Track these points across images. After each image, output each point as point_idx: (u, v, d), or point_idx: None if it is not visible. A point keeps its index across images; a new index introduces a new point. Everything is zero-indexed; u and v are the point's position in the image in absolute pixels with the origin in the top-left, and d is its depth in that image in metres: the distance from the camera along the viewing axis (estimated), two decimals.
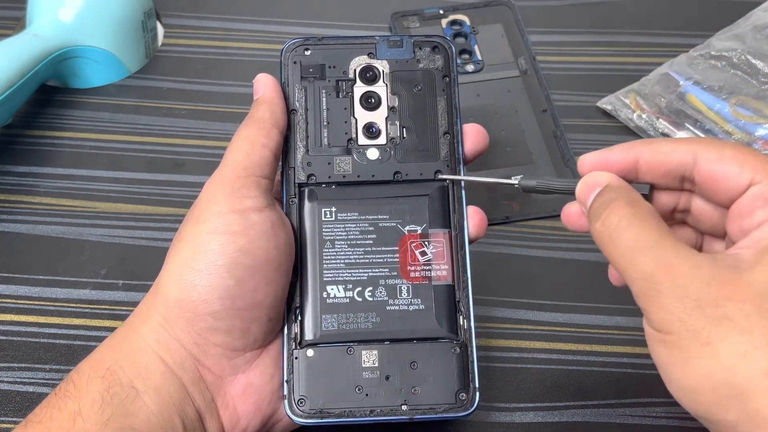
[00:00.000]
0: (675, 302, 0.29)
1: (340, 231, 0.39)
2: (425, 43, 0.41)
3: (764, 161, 0.32)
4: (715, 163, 0.32)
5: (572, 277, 0.49)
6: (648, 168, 0.34)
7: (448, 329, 0.38)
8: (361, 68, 0.41)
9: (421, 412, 0.37)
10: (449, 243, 0.39)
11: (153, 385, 0.35)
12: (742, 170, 0.32)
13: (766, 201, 0.31)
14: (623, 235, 0.32)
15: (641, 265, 0.31)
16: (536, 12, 0.64)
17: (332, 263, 0.39)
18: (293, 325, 0.38)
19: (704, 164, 0.33)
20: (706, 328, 0.29)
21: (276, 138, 0.39)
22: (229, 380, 0.37)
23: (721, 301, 0.29)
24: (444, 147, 0.40)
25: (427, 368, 0.38)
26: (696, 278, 0.29)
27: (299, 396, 0.37)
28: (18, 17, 0.63)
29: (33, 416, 0.34)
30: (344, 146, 0.40)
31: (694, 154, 0.33)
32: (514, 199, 0.53)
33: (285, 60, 0.41)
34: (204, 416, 0.36)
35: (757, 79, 0.54)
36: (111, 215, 0.51)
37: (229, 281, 0.35)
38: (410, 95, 0.41)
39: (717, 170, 0.32)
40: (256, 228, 0.36)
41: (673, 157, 0.33)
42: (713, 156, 0.32)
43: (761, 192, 0.31)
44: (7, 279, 0.48)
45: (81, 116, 0.57)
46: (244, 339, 0.37)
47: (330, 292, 0.38)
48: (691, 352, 0.29)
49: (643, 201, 0.33)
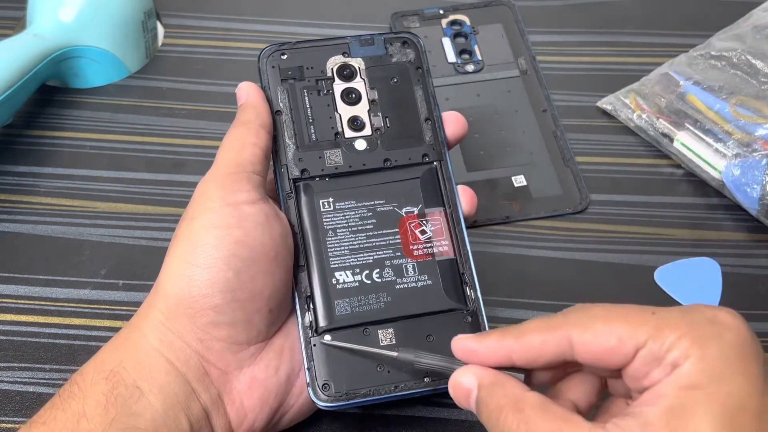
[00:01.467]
0: None
1: (341, 219, 0.40)
2: (395, 39, 0.43)
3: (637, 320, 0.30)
4: (592, 344, 0.30)
5: (572, 277, 0.49)
6: (524, 362, 0.32)
7: (457, 300, 0.39)
8: (337, 67, 0.42)
9: (443, 384, 0.37)
10: (446, 220, 0.41)
11: (158, 384, 0.35)
12: (621, 341, 0.30)
13: (658, 360, 0.29)
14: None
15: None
16: (536, 12, 0.64)
17: (337, 250, 0.39)
18: (306, 314, 0.38)
19: (582, 347, 0.31)
20: None
21: (264, 137, 0.40)
22: (234, 375, 0.37)
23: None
24: (427, 132, 0.42)
25: (442, 340, 0.38)
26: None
27: (323, 381, 0.37)
28: (18, 17, 0.63)
29: (37, 417, 0.34)
30: (332, 140, 0.41)
31: (567, 340, 0.31)
32: (514, 199, 0.53)
33: (263, 66, 0.42)
34: (210, 413, 0.36)
35: (757, 79, 0.54)
36: (111, 215, 0.51)
37: (228, 273, 0.36)
38: (388, 88, 0.42)
39: (597, 350, 0.30)
40: (251, 219, 0.37)
41: (545, 349, 0.31)
42: (588, 337, 0.30)
43: (649, 354, 0.29)
44: (7, 279, 0.48)
45: (81, 116, 0.57)
46: (247, 332, 0.37)
47: (339, 278, 0.39)
48: None
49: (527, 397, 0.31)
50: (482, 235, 0.51)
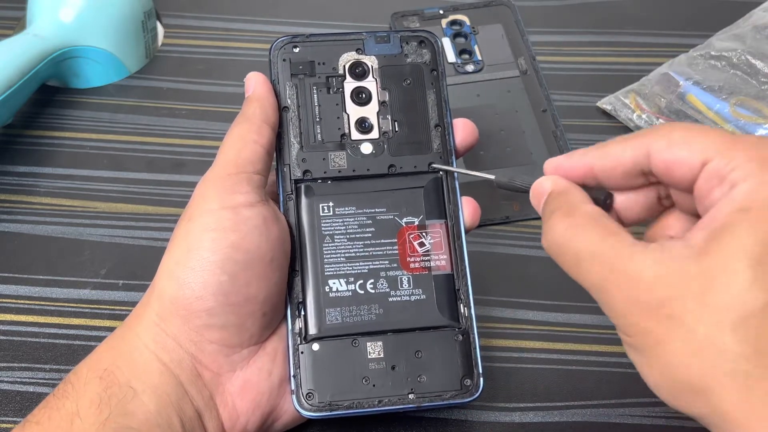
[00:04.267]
0: (626, 308, 0.29)
1: (339, 225, 0.39)
2: (412, 38, 0.42)
3: (714, 136, 0.30)
4: (666, 152, 0.31)
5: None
6: (604, 174, 0.33)
7: (449, 317, 0.39)
8: (350, 64, 0.41)
9: (428, 400, 0.37)
10: (446, 233, 0.40)
11: (151, 384, 0.35)
12: (692, 152, 0.30)
13: (720, 179, 0.29)
14: (566, 248, 0.31)
15: (588, 276, 0.31)
16: (536, 12, 0.64)
17: (333, 257, 0.39)
18: (297, 320, 0.38)
19: (656, 156, 0.31)
20: (656, 330, 0.28)
21: (267, 134, 0.39)
22: (227, 377, 0.37)
23: (666, 300, 0.28)
24: (436, 139, 0.41)
25: (431, 356, 0.38)
26: (640, 281, 0.29)
27: (307, 390, 0.37)
28: (18, 17, 0.63)
29: (31, 417, 0.34)
30: (338, 141, 0.40)
31: (645, 148, 0.32)
32: (514, 199, 0.53)
33: (274, 58, 0.41)
34: (203, 414, 0.36)
35: (757, 79, 0.54)
36: (111, 215, 0.51)
37: (222, 277, 0.35)
38: (400, 89, 0.41)
39: (669, 159, 0.31)
40: (248, 223, 0.36)
41: (624, 157, 0.32)
42: (662, 145, 0.31)
43: (714, 169, 0.29)
44: (7, 279, 0.48)
45: (81, 116, 0.57)
46: (240, 335, 0.37)
47: (332, 286, 0.39)
48: (649, 353, 0.29)
49: (583, 207, 0.32)
50: (482, 235, 0.51)
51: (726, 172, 0.29)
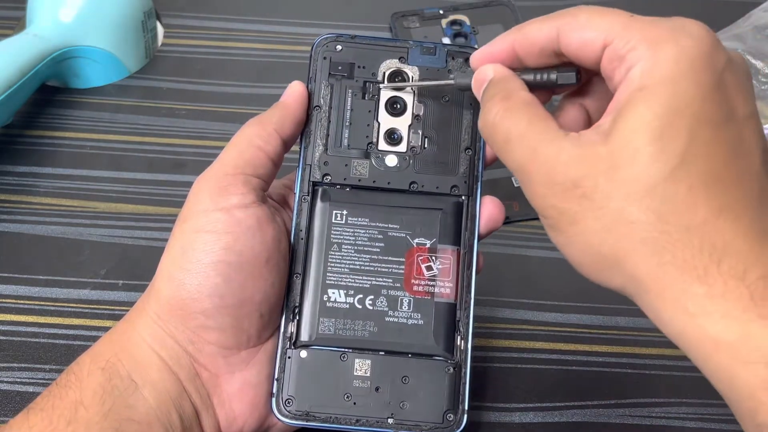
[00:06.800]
0: (544, 189, 0.31)
1: (349, 235, 0.39)
2: (459, 54, 0.40)
3: (613, 18, 0.31)
4: (573, 33, 0.32)
5: (572, 277, 0.49)
6: (523, 51, 0.34)
7: (444, 348, 0.38)
8: (390, 72, 0.40)
9: (406, 428, 0.37)
10: (457, 261, 0.39)
11: (150, 379, 0.35)
12: (596, 33, 0.31)
13: (620, 59, 0.30)
14: (498, 128, 0.33)
15: (513, 156, 0.32)
16: (536, 12, 0.64)
17: (337, 267, 0.38)
18: (290, 324, 0.38)
19: (564, 37, 0.33)
20: (572, 209, 0.30)
21: (275, 143, 0.38)
22: (225, 378, 0.37)
23: (579, 180, 0.30)
24: (464, 163, 0.39)
25: (418, 384, 0.37)
26: (558, 163, 0.30)
27: (287, 396, 0.37)
28: (18, 17, 0.63)
29: (34, 404, 0.35)
30: (364, 149, 0.39)
31: (557, 28, 0.33)
32: (514, 199, 0.53)
33: (315, 54, 0.40)
34: (200, 413, 0.36)
35: (757, 79, 0.54)
36: (111, 215, 0.51)
37: (216, 279, 0.35)
38: (437, 105, 0.40)
39: (575, 39, 0.32)
40: (241, 224, 0.36)
41: (539, 35, 0.34)
42: (569, 27, 0.32)
43: (614, 51, 0.31)
44: (7, 279, 0.48)
45: (81, 116, 0.57)
46: (237, 337, 0.37)
47: (331, 296, 0.38)
48: (567, 232, 0.31)
49: (519, 93, 0.33)
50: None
51: (624, 53, 0.30)
